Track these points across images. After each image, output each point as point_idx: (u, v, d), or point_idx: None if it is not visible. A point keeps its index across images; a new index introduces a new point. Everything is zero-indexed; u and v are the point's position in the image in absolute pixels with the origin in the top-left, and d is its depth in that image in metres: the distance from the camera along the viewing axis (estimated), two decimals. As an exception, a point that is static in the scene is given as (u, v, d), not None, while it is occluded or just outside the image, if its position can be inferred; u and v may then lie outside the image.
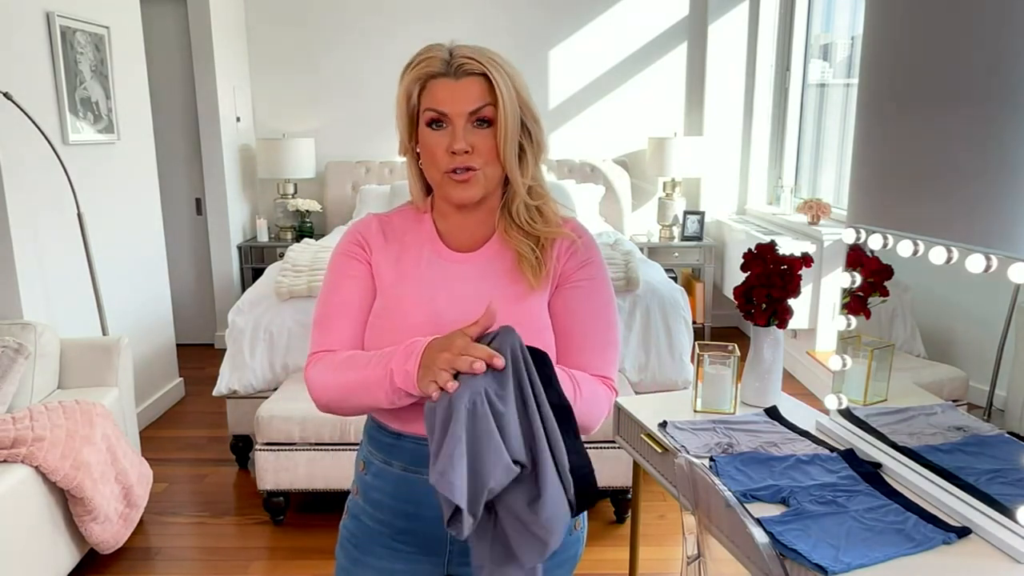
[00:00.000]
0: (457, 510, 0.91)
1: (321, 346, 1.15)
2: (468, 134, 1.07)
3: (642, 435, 1.69)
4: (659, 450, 1.61)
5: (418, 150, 1.14)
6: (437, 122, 1.08)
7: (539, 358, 0.99)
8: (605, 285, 1.17)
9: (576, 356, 1.13)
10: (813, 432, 1.64)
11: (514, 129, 1.09)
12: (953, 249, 1.31)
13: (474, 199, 1.11)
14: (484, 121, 1.08)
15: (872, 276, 1.57)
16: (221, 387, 2.99)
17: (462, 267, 1.15)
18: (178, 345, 4.07)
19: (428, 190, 1.19)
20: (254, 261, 4.86)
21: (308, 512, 2.81)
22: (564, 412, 0.99)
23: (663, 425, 1.67)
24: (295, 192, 4.93)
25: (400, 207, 1.25)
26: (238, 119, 4.80)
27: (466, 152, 1.07)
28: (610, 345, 1.15)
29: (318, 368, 1.13)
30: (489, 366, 0.94)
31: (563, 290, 1.14)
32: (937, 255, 1.33)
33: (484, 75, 1.07)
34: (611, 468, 2.58)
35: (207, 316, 4.84)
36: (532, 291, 1.12)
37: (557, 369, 1.06)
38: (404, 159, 1.19)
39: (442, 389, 0.94)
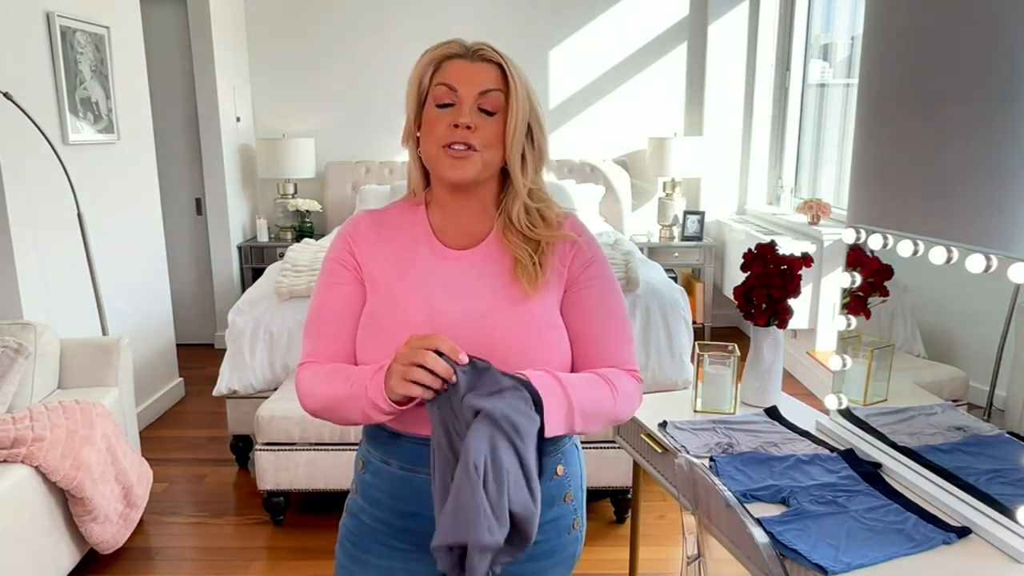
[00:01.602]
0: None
1: (311, 355, 1.16)
2: (473, 114, 1.08)
3: (642, 435, 1.69)
4: (659, 450, 1.61)
5: (419, 134, 1.14)
6: (445, 103, 1.09)
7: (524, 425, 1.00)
8: (612, 280, 1.18)
9: (600, 354, 1.14)
10: (813, 432, 1.64)
11: (522, 121, 1.10)
12: (953, 249, 1.31)
13: (466, 178, 1.11)
14: (489, 111, 1.09)
15: (872, 276, 1.57)
16: (221, 387, 2.99)
17: (459, 264, 1.15)
18: (178, 345, 4.07)
19: (427, 180, 1.19)
20: (254, 261, 4.86)
21: (308, 512, 2.81)
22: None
23: (663, 425, 1.67)
24: (295, 192, 4.93)
25: (395, 202, 1.24)
26: (238, 119, 4.80)
27: (468, 128, 1.08)
28: (627, 338, 1.17)
29: (306, 376, 1.14)
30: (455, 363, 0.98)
31: (573, 293, 1.15)
32: (937, 255, 1.34)
33: (499, 65, 1.09)
34: (611, 468, 2.58)
35: (207, 316, 4.84)
36: (531, 295, 1.12)
37: (589, 374, 1.10)
38: (404, 155, 1.19)
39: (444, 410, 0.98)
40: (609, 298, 1.16)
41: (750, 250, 1.79)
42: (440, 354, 0.98)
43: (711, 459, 1.50)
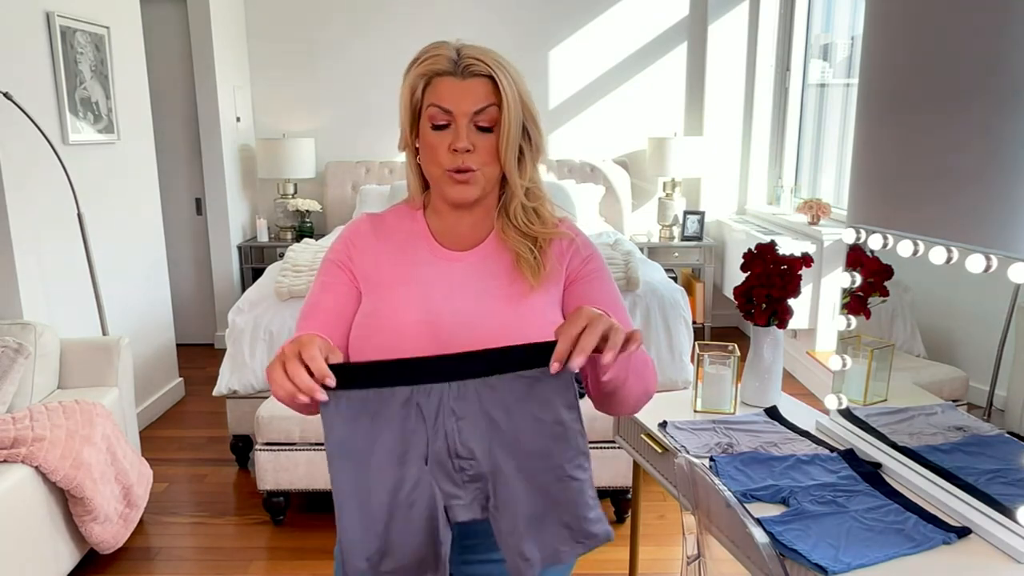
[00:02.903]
0: None
1: None
2: (470, 133, 1.08)
3: (642, 435, 1.69)
4: (659, 450, 1.61)
5: (417, 145, 1.14)
6: (441, 124, 1.09)
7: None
8: (610, 275, 1.20)
9: None
10: (813, 432, 1.64)
11: (516, 131, 1.10)
12: (953, 249, 1.31)
13: (471, 199, 1.12)
14: (486, 127, 1.09)
15: (872, 276, 1.57)
16: (221, 387, 2.99)
17: (458, 265, 1.15)
18: (178, 345, 4.06)
19: (426, 185, 1.19)
20: (254, 261, 4.86)
21: (308, 512, 2.81)
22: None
23: (663, 425, 1.67)
24: (295, 192, 4.93)
25: (394, 205, 1.25)
26: (238, 119, 4.80)
27: (467, 151, 1.08)
28: (630, 323, 1.16)
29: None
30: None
31: (574, 288, 1.16)
32: (937, 255, 1.34)
33: (490, 77, 1.08)
34: (611, 468, 2.58)
35: (207, 316, 4.84)
36: (532, 291, 1.12)
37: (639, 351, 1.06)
38: (404, 155, 1.19)
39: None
40: (610, 290, 1.17)
41: (750, 250, 1.79)
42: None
43: (711, 459, 1.50)
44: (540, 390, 0.95)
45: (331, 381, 0.90)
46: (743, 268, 1.78)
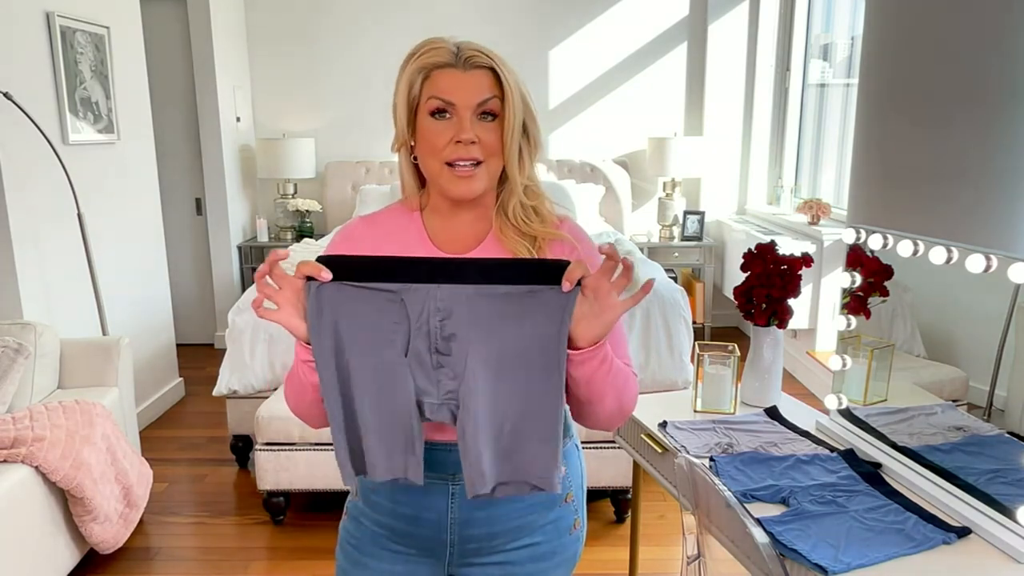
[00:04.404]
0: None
1: (295, 363, 1.15)
2: (473, 125, 1.06)
3: (642, 435, 1.69)
4: (659, 450, 1.61)
5: (413, 143, 1.12)
6: (441, 112, 1.06)
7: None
8: None
9: None
10: (813, 432, 1.64)
11: (518, 124, 1.08)
12: (953, 249, 1.31)
13: (474, 194, 1.09)
14: (488, 115, 1.07)
15: (872, 276, 1.57)
16: (221, 387, 2.98)
17: None
18: (178, 345, 4.07)
19: (421, 185, 1.17)
20: (254, 261, 4.86)
21: (308, 512, 2.81)
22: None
23: (663, 425, 1.67)
24: (295, 192, 4.93)
25: (390, 206, 1.22)
26: (238, 119, 4.80)
27: (472, 143, 1.06)
28: (626, 338, 1.17)
29: (286, 380, 1.14)
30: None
31: None
32: (937, 255, 1.34)
33: (491, 69, 1.06)
34: (611, 468, 2.58)
35: (207, 316, 4.85)
36: None
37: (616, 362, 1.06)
38: (398, 154, 1.16)
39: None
40: None
41: (750, 250, 1.79)
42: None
43: (711, 459, 1.50)
44: (529, 306, 0.95)
45: (327, 274, 0.95)
46: (743, 268, 1.78)
